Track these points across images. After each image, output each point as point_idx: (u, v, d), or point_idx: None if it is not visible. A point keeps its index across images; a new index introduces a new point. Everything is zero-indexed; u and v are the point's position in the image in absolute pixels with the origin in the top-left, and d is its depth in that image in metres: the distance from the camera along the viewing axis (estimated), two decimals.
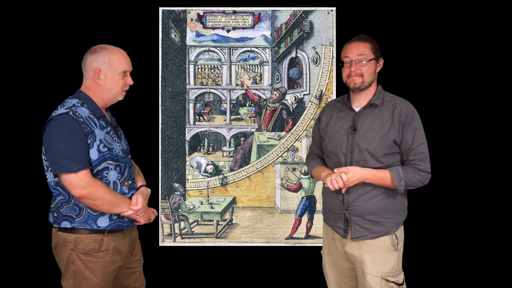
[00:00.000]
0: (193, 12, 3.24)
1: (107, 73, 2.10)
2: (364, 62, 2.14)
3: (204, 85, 3.29)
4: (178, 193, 3.27)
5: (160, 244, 3.25)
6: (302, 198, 3.26)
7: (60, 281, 2.11)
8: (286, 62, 3.26)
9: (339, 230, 2.22)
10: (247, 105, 3.29)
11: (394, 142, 2.12)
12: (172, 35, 3.23)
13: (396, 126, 2.12)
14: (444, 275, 3.22)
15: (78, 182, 1.97)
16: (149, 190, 2.25)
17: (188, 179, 3.27)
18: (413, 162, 2.13)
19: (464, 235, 3.21)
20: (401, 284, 2.15)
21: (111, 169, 2.08)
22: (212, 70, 3.28)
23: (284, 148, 3.27)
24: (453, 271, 3.22)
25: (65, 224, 2.05)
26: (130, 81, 2.18)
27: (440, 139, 3.03)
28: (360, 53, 2.15)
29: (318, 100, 3.23)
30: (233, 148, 3.29)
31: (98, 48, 2.13)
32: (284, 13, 3.23)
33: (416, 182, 2.13)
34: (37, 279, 3.19)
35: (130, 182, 2.17)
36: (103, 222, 2.07)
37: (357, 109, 2.21)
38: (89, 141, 2.02)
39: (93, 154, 2.02)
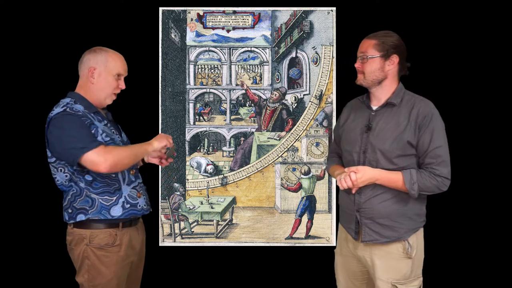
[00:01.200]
0: (193, 12, 3.24)
1: (101, 72, 2.14)
2: (365, 59, 2.09)
3: (204, 85, 3.29)
4: (178, 193, 3.27)
5: (160, 244, 3.25)
6: (302, 198, 3.26)
7: (75, 277, 2.15)
8: (286, 62, 3.26)
9: (351, 231, 2.17)
10: (247, 105, 3.29)
11: (408, 143, 2.03)
12: (172, 35, 3.23)
13: (412, 126, 2.03)
14: (464, 281, 3.19)
15: (98, 158, 1.98)
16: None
17: (188, 179, 3.27)
18: (429, 166, 2.01)
19: (487, 242, 3.16)
20: None
21: None
22: (212, 70, 3.28)
23: (284, 148, 3.27)
24: (474, 278, 3.17)
25: (80, 217, 2.09)
26: (122, 85, 2.21)
27: (458, 142, 2.94)
28: (362, 50, 2.11)
29: (318, 100, 3.23)
30: (233, 148, 3.29)
31: (98, 49, 2.17)
32: (284, 13, 3.23)
33: (431, 187, 2.01)
34: (48, 277, 3.20)
35: (134, 170, 2.22)
36: (116, 212, 2.11)
37: (374, 108, 2.15)
38: (93, 131, 2.05)
39: None
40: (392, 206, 2.06)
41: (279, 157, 3.27)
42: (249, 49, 3.26)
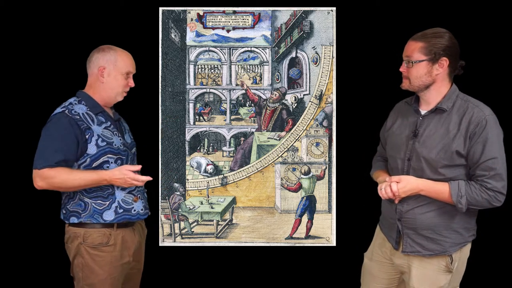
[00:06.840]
0: (193, 12, 3.24)
1: (110, 71, 2.16)
2: (410, 63, 1.94)
3: (204, 85, 3.29)
4: (178, 193, 3.27)
5: (160, 244, 3.25)
6: (302, 198, 3.26)
7: (70, 272, 2.17)
8: (286, 62, 3.26)
9: (391, 240, 2.08)
10: (247, 105, 3.29)
11: (457, 153, 1.88)
12: (172, 35, 3.23)
13: (462, 135, 1.87)
14: None
15: (34, 176, 2.04)
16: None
17: (188, 179, 3.27)
18: (481, 179, 1.86)
19: None
20: None
21: (111, 162, 2.14)
22: (212, 70, 3.28)
23: (284, 148, 3.27)
24: None
25: (73, 219, 2.11)
26: (131, 83, 2.25)
27: None
28: (408, 54, 1.96)
29: (318, 100, 3.23)
30: (233, 148, 3.29)
31: (106, 48, 2.19)
32: (284, 13, 3.23)
33: (481, 202, 1.86)
34: (48, 274, 3.20)
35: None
36: (109, 216, 2.13)
37: (423, 112, 2.00)
38: (87, 136, 2.07)
39: (92, 149, 2.08)
40: (436, 218, 1.95)
41: (279, 157, 3.27)
42: (249, 49, 3.26)
